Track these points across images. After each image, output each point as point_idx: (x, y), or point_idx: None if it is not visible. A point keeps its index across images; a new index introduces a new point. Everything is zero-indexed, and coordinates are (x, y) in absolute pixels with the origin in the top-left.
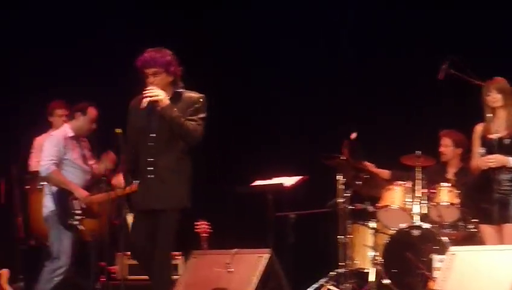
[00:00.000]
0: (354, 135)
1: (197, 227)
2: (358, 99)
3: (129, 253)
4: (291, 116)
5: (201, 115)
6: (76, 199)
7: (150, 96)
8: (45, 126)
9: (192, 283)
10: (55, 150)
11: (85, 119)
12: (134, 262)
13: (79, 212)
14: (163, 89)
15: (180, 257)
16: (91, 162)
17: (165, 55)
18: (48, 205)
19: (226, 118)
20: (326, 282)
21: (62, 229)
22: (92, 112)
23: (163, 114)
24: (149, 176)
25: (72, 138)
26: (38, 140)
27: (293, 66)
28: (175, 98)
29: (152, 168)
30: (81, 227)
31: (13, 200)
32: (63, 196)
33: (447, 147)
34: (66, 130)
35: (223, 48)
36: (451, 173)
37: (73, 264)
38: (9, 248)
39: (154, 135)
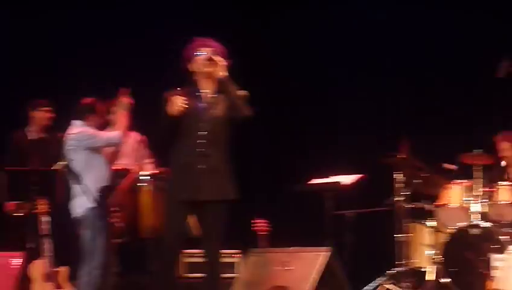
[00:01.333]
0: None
1: (256, 225)
2: (418, 97)
3: (188, 251)
4: (349, 114)
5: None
6: (111, 195)
7: (215, 59)
8: None
9: (250, 281)
10: None
11: None
12: (194, 260)
13: (115, 209)
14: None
15: (238, 255)
16: None
17: (219, 44)
18: (82, 203)
19: (284, 117)
20: (384, 281)
21: (98, 228)
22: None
23: (225, 82)
24: (200, 167)
25: None
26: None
27: (352, 64)
28: (220, 90)
29: (203, 159)
30: (120, 224)
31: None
32: (104, 193)
33: (506, 150)
34: None
35: (280, 46)
36: (511, 172)
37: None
38: (68, 245)
39: (203, 126)
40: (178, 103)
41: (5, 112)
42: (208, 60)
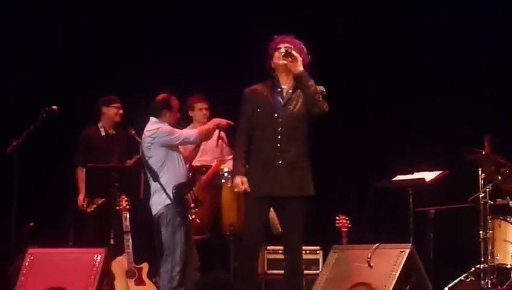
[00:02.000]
0: None
1: (337, 222)
2: (500, 92)
3: (270, 247)
4: (431, 110)
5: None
6: (190, 191)
7: (291, 53)
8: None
9: (333, 278)
10: None
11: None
12: (274, 256)
13: (193, 205)
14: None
15: (319, 252)
16: None
17: (300, 42)
18: (161, 200)
19: (366, 113)
20: (467, 277)
21: (177, 225)
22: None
23: (301, 76)
24: (278, 162)
25: None
26: None
27: (432, 61)
28: (298, 87)
29: (281, 154)
30: (197, 220)
31: None
32: (182, 189)
33: None
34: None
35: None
36: None
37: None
38: (149, 242)
39: (281, 121)
40: (240, 187)
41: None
42: (285, 53)
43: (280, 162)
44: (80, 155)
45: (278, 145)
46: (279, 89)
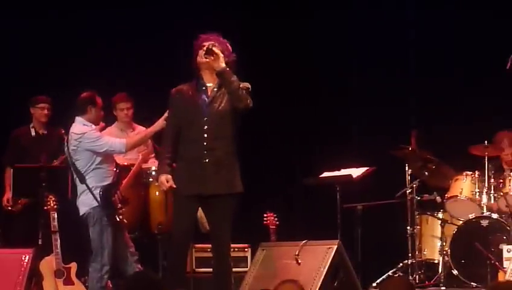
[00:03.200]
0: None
1: (265, 219)
2: (426, 89)
3: (197, 245)
4: (358, 107)
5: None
6: (116, 192)
7: (213, 50)
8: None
9: (261, 275)
10: None
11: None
12: (202, 254)
13: (120, 205)
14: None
15: (248, 249)
16: None
17: (224, 41)
18: (87, 201)
19: (293, 110)
20: (395, 273)
21: (105, 225)
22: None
23: (223, 73)
24: (205, 161)
25: None
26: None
27: (363, 58)
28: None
29: (208, 152)
30: (125, 221)
31: None
32: (108, 191)
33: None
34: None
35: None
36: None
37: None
38: (76, 241)
39: (207, 120)
40: (165, 185)
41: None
42: (206, 51)
43: (207, 160)
44: (7, 155)
45: (205, 143)
46: (204, 88)
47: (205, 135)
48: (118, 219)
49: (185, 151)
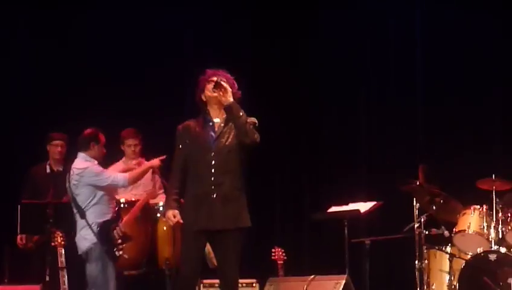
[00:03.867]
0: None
1: (273, 254)
2: (432, 124)
3: (205, 281)
4: (365, 142)
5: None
6: (115, 228)
7: (222, 84)
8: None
9: None
10: None
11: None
12: None
13: (120, 241)
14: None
15: (256, 285)
16: None
17: (231, 76)
18: (88, 237)
19: (301, 145)
20: None
21: (107, 261)
22: (102, 138)
23: (231, 107)
24: (213, 196)
25: None
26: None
27: (369, 90)
28: (229, 119)
29: (216, 188)
30: (125, 256)
31: None
32: (107, 226)
33: None
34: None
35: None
36: None
37: None
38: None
39: (214, 155)
40: (172, 220)
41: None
42: (215, 85)
43: (214, 195)
44: (24, 193)
45: (212, 179)
46: (210, 123)
47: (212, 171)
48: (117, 255)
49: (192, 186)
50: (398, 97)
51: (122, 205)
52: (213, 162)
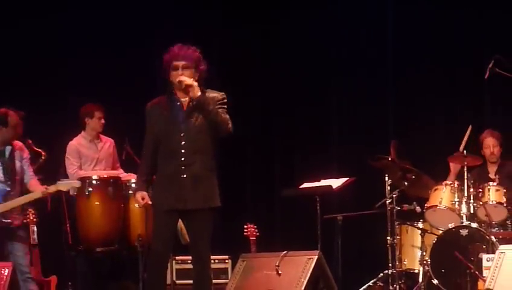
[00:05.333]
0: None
1: (246, 230)
2: (404, 100)
3: (178, 257)
4: (337, 118)
5: (226, 115)
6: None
7: (185, 81)
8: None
9: (241, 286)
10: None
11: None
12: (183, 266)
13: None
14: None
15: (228, 261)
16: None
17: (195, 52)
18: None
19: (273, 121)
20: (375, 283)
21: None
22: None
23: (200, 101)
24: (183, 176)
25: None
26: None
27: (341, 66)
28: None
29: (186, 168)
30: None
31: (61, 207)
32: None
33: (495, 147)
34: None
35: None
36: (492, 172)
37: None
38: (57, 254)
39: (183, 135)
40: (141, 202)
41: None
42: (179, 83)
43: (185, 175)
44: None
45: (182, 159)
46: (178, 103)
47: (182, 151)
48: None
49: (163, 166)
50: (369, 73)
51: (94, 182)
52: (183, 142)
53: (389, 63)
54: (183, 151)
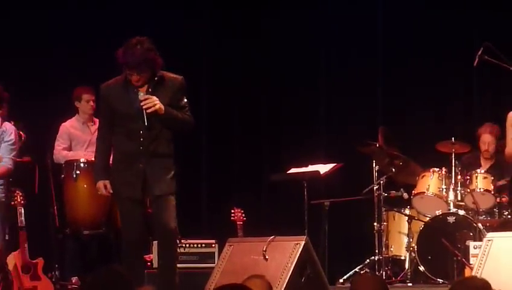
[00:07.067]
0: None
1: (232, 215)
2: (393, 86)
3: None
4: (326, 103)
5: (186, 99)
6: None
7: (149, 108)
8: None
9: (228, 271)
10: None
11: None
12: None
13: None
14: (147, 82)
15: (215, 245)
16: None
17: (148, 51)
18: None
19: (261, 107)
20: (362, 269)
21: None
22: None
23: (166, 117)
24: (140, 165)
25: None
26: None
27: (329, 53)
28: (159, 82)
29: (144, 156)
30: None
31: (48, 189)
32: None
33: (491, 145)
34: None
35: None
36: (485, 166)
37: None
38: (44, 237)
39: (141, 122)
40: (103, 191)
41: None
42: (141, 101)
43: (142, 163)
44: None
45: (141, 148)
46: (135, 90)
47: (141, 139)
48: None
49: (120, 152)
50: (358, 59)
51: (82, 165)
52: (141, 131)
53: (378, 49)
54: (142, 140)
